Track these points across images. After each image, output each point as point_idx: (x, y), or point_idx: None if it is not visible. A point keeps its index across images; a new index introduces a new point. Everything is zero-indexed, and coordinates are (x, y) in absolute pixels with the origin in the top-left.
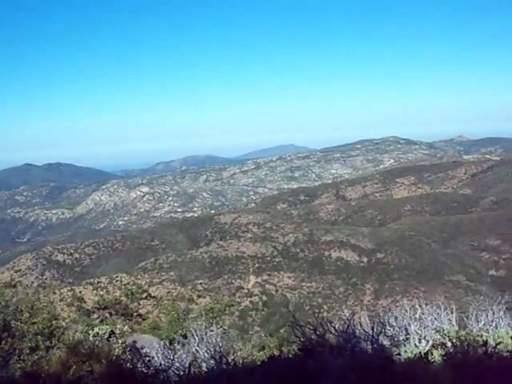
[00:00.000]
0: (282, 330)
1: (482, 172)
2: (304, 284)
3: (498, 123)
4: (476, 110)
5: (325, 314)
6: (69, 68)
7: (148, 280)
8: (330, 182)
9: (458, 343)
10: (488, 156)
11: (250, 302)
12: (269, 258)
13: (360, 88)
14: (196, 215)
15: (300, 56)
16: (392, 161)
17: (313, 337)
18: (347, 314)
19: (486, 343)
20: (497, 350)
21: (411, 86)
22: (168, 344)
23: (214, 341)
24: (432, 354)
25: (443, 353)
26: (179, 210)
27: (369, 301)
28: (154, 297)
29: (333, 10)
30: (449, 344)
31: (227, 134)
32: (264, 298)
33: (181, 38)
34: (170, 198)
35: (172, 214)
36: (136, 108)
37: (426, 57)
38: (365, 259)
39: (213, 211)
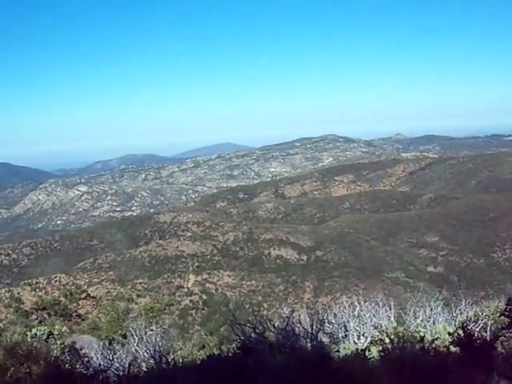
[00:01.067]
0: (222, 329)
1: (420, 170)
2: (244, 282)
3: (435, 121)
4: (413, 108)
5: (265, 312)
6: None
7: (87, 280)
8: (269, 180)
9: (396, 339)
10: (426, 154)
11: (190, 301)
12: (208, 257)
13: (298, 86)
14: (135, 214)
15: (237, 55)
16: (331, 159)
17: (252, 335)
18: (286, 312)
19: (422, 339)
20: (434, 346)
21: (350, 85)
22: (107, 344)
23: (154, 340)
24: (370, 351)
25: (380, 349)
26: (118, 209)
27: (309, 298)
28: (93, 297)
29: (261, 11)
30: (387, 340)
31: (165, 133)
32: (204, 296)
33: (117, 35)
34: (109, 197)
35: (111, 214)
36: (73, 106)
37: (363, 57)
38: (304, 257)
39: (152, 210)
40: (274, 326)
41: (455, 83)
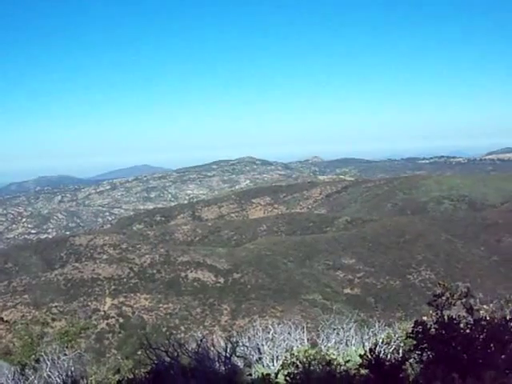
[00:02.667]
0: (139, 353)
1: (337, 192)
2: (161, 305)
3: (352, 144)
4: (330, 131)
5: (182, 335)
6: None
7: (1, 304)
8: (186, 202)
9: (306, 362)
10: (342, 176)
11: (107, 324)
12: (125, 280)
13: (215, 109)
14: (51, 237)
15: (145, 80)
16: (248, 181)
17: (166, 359)
18: (200, 336)
19: (329, 362)
20: (345, 368)
21: (267, 108)
22: (20, 370)
23: (67, 365)
24: (277, 375)
25: (287, 372)
26: (33, 231)
27: (226, 321)
28: (6, 321)
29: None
30: (298, 363)
31: (81, 154)
32: (121, 320)
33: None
34: (24, 220)
35: (26, 236)
36: None
37: (278, 79)
38: (221, 279)
39: (68, 232)
40: (188, 350)
41: (371, 107)
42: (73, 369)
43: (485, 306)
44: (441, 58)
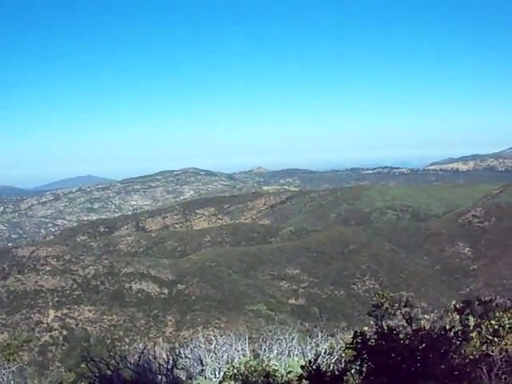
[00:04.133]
0: (82, 365)
1: (281, 203)
2: (105, 317)
3: (296, 155)
4: (274, 142)
5: (126, 347)
6: None
7: None
8: (130, 213)
9: (246, 374)
10: (286, 187)
11: (50, 336)
12: (68, 292)
13: (157, 119)
14: None
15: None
16: (192, 192)
17: (108, 372)
18: (142, 348)
19: (268, 374)
20: (286, 379)
21: (209, 119)
22: None
23: (7, 379)
24: None
25: None
26: None
27: (170, 332)
28: None
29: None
30: (238, 375)
31: (24, 164)
32: (64, 332)
33: None
34: None
35: None
36: None
37: (220, 91)
38: (166, 291)
39: (10, 244)
40: (130, 362)
41: (315, 118)
42: (12, 383)
43: (426, 316)
44: (384, 67)
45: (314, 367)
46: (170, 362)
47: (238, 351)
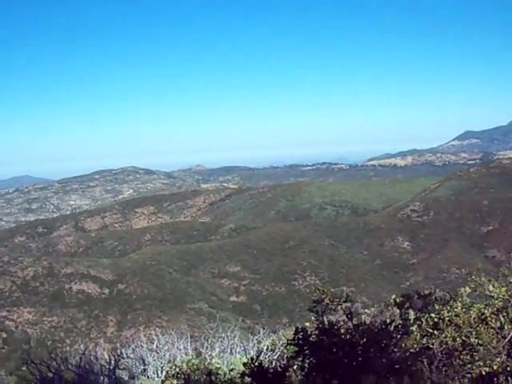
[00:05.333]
0: (23, 368)
1: (221, 200)
2: (45, 319)
3: (235, 152)
4: (213, 140)
5: (67, 348)
6: None
7: None
8: (68, 213)
9: (188, 373)
10: (226, 184)
11: None
12: (7, 294)
13: (95, 118)
14: None
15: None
16: (131, 191)
17: (49, 374)
18: (83, 349)
19: (211, 372)
20: (229, 377)
21: (148, 116)
22: None
23: None
24: None
25: None
26: None
27: (112, 333)
28: None
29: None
30: (180, 374)
31: None
32: (4, 334)
33: None
34: None
35: None
36: None
37: (154, 91)
38: (106, 291)
39: None
40: (71, 364)
41: (253, 114)
42: None
43: (366, 311)
44: (322, 65)
45: (257, 364)
46: (112, 362)
47: (180, 350)
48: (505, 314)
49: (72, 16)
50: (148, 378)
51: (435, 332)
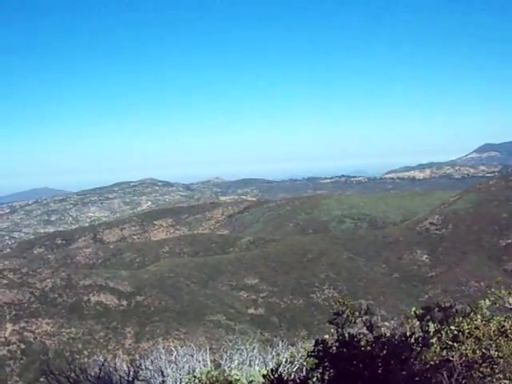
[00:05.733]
0: (41, 379)
1: (239, 213)
2: (63, 330)
3: (253, 165)
4: (231, 152)
5: (85, 359)
6: None
7: None
8: (87, 225)
9: (208, 383)
10: (244, 197)
11: (8, 350)
12: (26, 305)
13: (115, 130)
14: None
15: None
16: (150, 203)
17: None
18: (102, 360)
19: (231, 383)
20: None
21: (166, 129)
22: None
23: None
24: None
25: None
26: None
27: (130, 344)
28: None
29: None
30: None
31: None
32: (22, 346)
33: None
34: None
35: None
36: None
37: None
38: (124, 302)
39: None
40: (90, 375)
41: (270, 128)
42: None
43: (386, 323)
44: (339, 78)
45: (276, 376)
46: (131, 373)
47: (199, 362)
48: None
49: (95, 29)
50: None
51: (455, 344)
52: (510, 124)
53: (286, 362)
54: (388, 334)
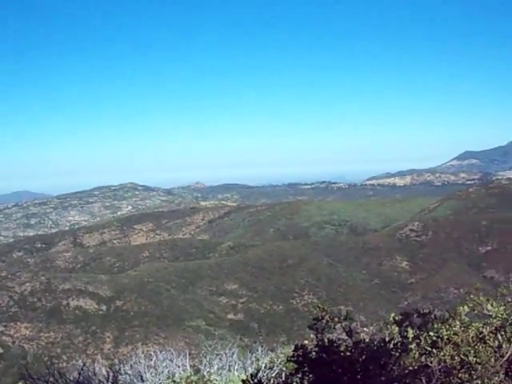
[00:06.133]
0: (20, 383)
1: (219, 218)
2: (42, 334)
3: (234, 170)
4: (212, 157)
5: (64, 364)
6: None
7: None
8: (67, 229)
9: None
10: (224, 202)
11: None
12: (5, 309)
13: (95, 134)
14: None
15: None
16: (130, 207)
17: None
18: (81, 364)
19: None
20: None
21: (146, 133)
22: None
23: None
24: None
25: None
26: None
27: (109, 349)
28: None
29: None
30: None
31: None
32: (0, 350)
33: None
34: None
35: None
36: None
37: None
38: (104, 307)
39: None
40: (69, 379)
41: (249, 132)
42: None
43: (365, 329)
44: (320, 83)
45: (255, 381)
46: (110, 378)
47: (179, 366)
48: (503, 332)
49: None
50: None
51: (434, 350)
52: (490, 132)
53: (265, 367)
54: (367, 340)
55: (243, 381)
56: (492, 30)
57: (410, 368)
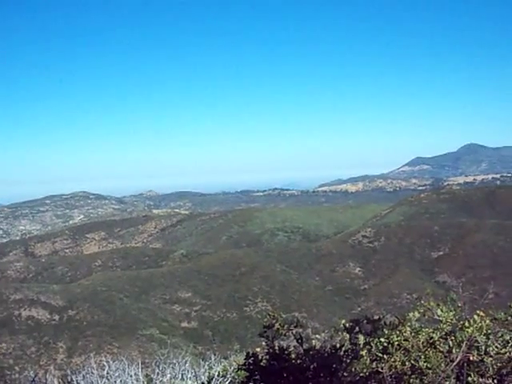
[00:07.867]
0: None
1: (172, 226)
2: None
3: (186, 178)
4: (165, 165)
5: (17, 375)
6: None
7: None
8: (18, 238)
9: None
10: (177, 210)
11: None
12: None
13: (46, 141)
14: None
15: None
16: (82, 216)
17: None
18: (33, 376)
19: None
20: None
21: (98, 142)
22: None
23: None
24: None
25: None
26: None
27: (62, 359)
28: None
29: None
30: None
31: None
32: None
33: None
34: None
35: None
36: None
37: (105, 116)
38: (56, 317)
39: None
40: None
41: (203, 141)
42: None
43: (317, 336)
44: (272, 91)
45: None
46: None
47: (131, 376)
48: (453, 337)
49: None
50: None
51: (385, 356)
52: (441, 138)
53: (218, 375)
54: (318, 347)
55: None
56: (438, 39)
57: (361, 374)
